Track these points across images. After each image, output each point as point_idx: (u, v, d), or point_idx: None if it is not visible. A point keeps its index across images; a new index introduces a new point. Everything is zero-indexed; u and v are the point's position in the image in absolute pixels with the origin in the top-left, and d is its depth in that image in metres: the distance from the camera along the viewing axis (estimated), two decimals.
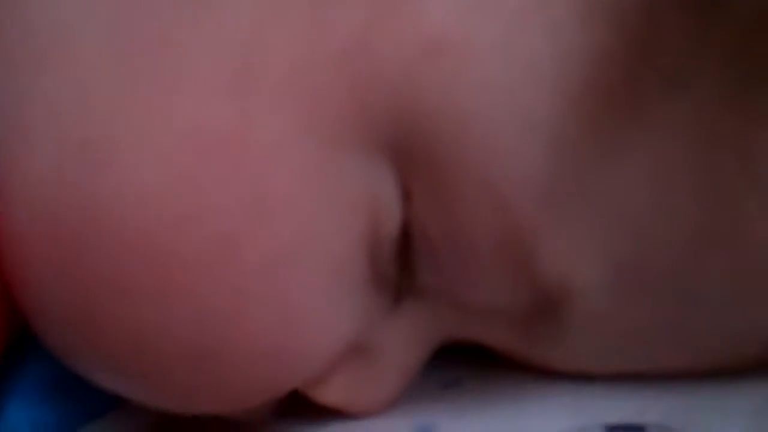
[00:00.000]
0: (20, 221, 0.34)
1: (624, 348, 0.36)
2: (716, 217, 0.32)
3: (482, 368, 0.40)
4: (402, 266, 0.35)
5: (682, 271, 0.33)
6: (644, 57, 0.31)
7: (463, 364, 0.40)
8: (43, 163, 0.33)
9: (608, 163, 0.32)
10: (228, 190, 0.33)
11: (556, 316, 0.35)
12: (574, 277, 0.33)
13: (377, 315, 0.36)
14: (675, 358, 0.36)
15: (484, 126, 0.32)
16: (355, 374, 0.37)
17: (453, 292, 0.35)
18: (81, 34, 0.33)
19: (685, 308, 0.34)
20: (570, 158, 0.32)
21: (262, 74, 0.32)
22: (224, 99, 0.32)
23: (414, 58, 0.32)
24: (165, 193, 0.33)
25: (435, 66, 0.32)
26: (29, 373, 0.39)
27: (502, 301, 0.35)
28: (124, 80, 0.33)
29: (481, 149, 0.32)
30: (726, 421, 0.35)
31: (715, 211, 0.32)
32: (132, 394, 0.36)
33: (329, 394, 0.37)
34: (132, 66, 0.33)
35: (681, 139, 0.32)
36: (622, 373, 0.37)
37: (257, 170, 0.32)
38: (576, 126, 0.31)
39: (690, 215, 0.32)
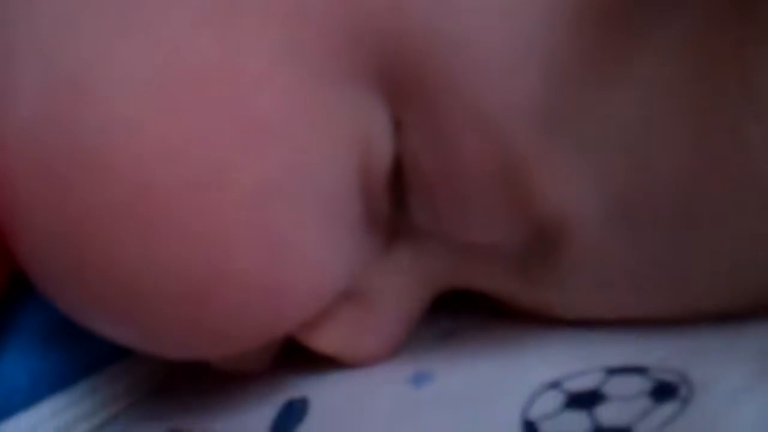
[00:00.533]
0: (8, 159, 0.34)
1: (624, 288, 0.35)
2: (715, 144, 0.31)
3: (481, 320, 0.39)
4: (395, 203, 0.34)
5: (681, 202, 0.32)
6: None
7: (462, 315, 0.39)
8: (30, 99, 0.33)
9: (604, 88, 0.31)
10: (214, 120, 0.32)
11: (553, 252, 0.34)
12: (569, 207, 0.33)
13: (371, 256, 0.36)
14: (676, 300, 0.35)
15: (475, 52, 0.31)
16: (351, 321, 0.37)
17: (447, 232, 0.34)
18: None
19: (685, 243, 0.33)
20: (565, 83, 0.31)
21: (245, 3, 0.32)
22: (209, 28, 0.32)
23: None
24: (151, 125, 0.32)
25: None
26: (26, 324, 0.39)
27: (497, 238, 0.34)
28: (110, 14, 0.33)
29: (472, 76, 0.31)
30: (731, 362, 0.34)
31: (713, 137, 0.31)
32: (124, 338, 0.36)
33: (325, 342, 0.37)
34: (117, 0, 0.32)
35: (677, 61, 0.31)
36: (623, 319, 0.36)
37: (244, 100, 0.32)
38: (571, 50, 0.31)
39: (687, 141, 0.31)
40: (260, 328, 0.35)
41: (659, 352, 0.35)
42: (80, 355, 0.40)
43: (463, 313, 0.40)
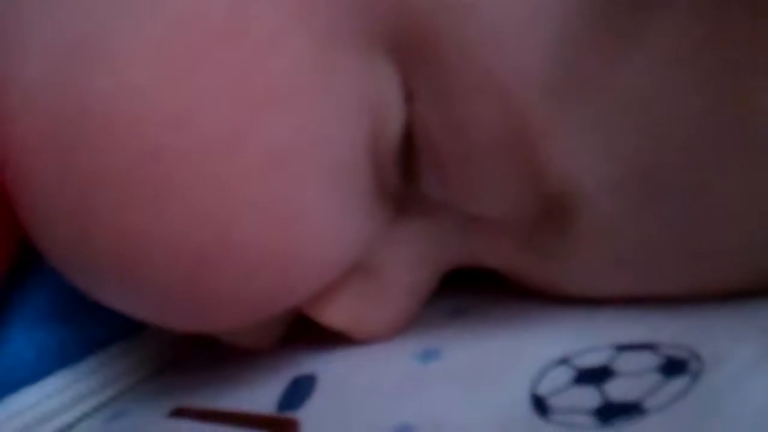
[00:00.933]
0: (15, 121, 0.33)
1: (634, 263, 0.34)
2: (726, 114, 0.31)
3: (488, 298, 0.39)
4: (405, 173, 0.34)
5: (691, 172, 0.32)
6: None
7: (470, 294, 0.39)
8: (39, 62, 0.33)
9: (616, 57, 0.31)
10: (223, 85, 0.32)
11: (563, 225, 0.34)
12: (580, 177, 0.32)
13: (380, 228, 0.35)
14: (687, 276, 0.35)
15: (487, 18, 0.31)
16: (359, 295, 0.36)
17: (457, 203, 0.34)
18: None
19: (696, 215, 0.33)
20: (576, 49, 0.31)
21: None
22: None
23: None
24: (160, 88, 0.32)
25: None
26: (34, 300, 0.39)
27: (507, 209, 0.34)
28: None
29: (484, 42, 0.31)
30: (741, 339, 0.33)
31: (725, 106, 0.31)
32: (132, 308, 0.36)
33: (334, 316, 0.37)
34: None
35: (689, 32, 0.31)
36: (633, 297, 0.36)
37: (253, 64, 0.32)
38: (582, 15, 0.31)
39: (699, 111, 0.31)
40: (269, 297, 0.34)
41: (669, 330, 0.35)
42: (87, 331, 0.40)
43: (470, 293, 0.39)
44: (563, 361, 0.35)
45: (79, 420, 0.39)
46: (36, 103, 0.33)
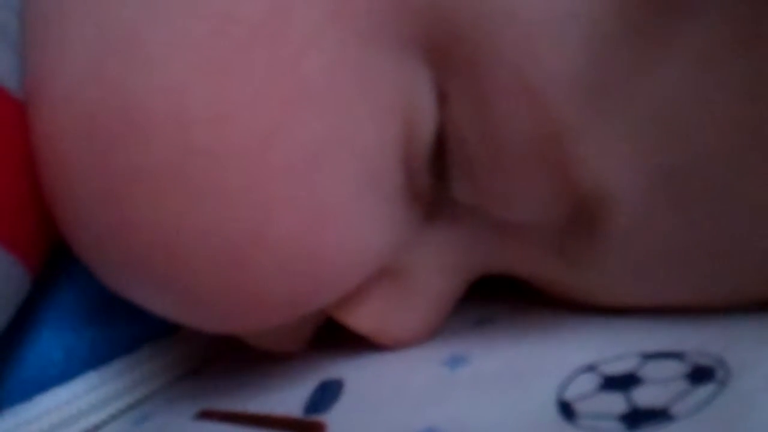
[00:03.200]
0: (55, 115, 0.34)
1: (662, 270, 0.35)
2: (757, 119, 0.31)
3: (515, 307, 0.39)
4: (436, 176, 0.35)
5: (722, 178, 0.32)
6: None
7: (496, 303, 0.40)
8: (80, 58, 0.34)
9: (647, 60, 0.31)
10: (261, 84, 0.33)
11: (593, 230, 0.34)
12: (611, 181, 0.33)
13: (410, 232, 0.36)
14: (717, 284, 0.35)
15: (523, 21, 0.32)
16: (387, 300, 0.37)
17: (488, 207, 0.35)
18: None
19: (726, 221, 0.33)
20: (609, 55, 0.31)
21: None
22: None
23: None
24: (198, 89, 0.33)
25: None
26: (63, 300, 0.40)
27: (538, 214, 0.34)
28: None
29: (518, 46, 0.32)
30: (766, 346, 0.34)
31: (756, 110, 0.31)
32: (162, 307, 0.36)
33: (361, 319, 0.37)
34: None
35: (720, 35, 0.31)
36: (661, 306, 0.36)
37: (290, 63, 0.33)
38: (615, 21, 0.31)
39: (730, 116, 0.31)
40: (298, 297, 0.35)
41: (696, 339, 0.35)
42: (116, 333, 0.40)
43: (497, 301, 0.40)
44: (590, 368, 0.35)
45: (106, 422, 0.39)
46: (76, 98, 0.34)
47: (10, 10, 0.36)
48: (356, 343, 0.38)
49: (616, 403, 0.33)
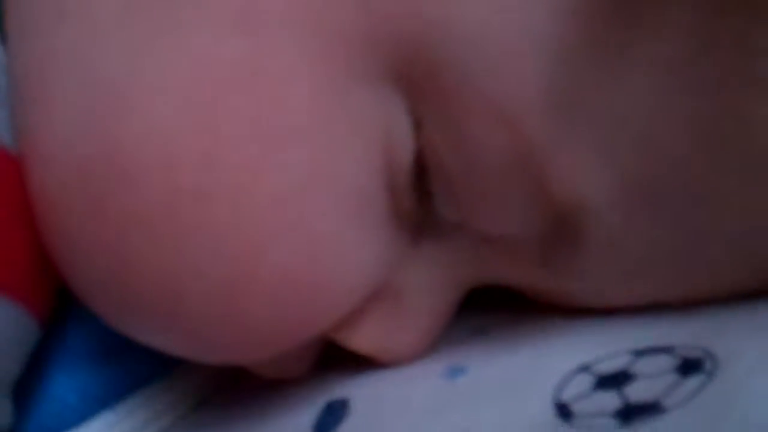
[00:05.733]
0: (47, 168, 0.35)
1: (644, 273, 0.36)
2: (722, 124, 0.32)
3: (509, 315, 0.40)
4: (420, 199, 0.36)
5: (690, 183, 0.33)
6: None
7: (491, 312, 0.41)
8: (67, 109, 0.35)
9: (611, 72, 0.32)
10: (245, 124, 0.34)
11: (573, 240, 0.35)
12: (586, 193, 0.34)
13: (400, 252, 0.37)
14: (694, 283, 0.36)
15: (489, 47, 0.33)
16: (384, 319, 0.38)
17: (470, 224, 0.36)
18: None
19: (697, 225, 0.34)
20: (573, 69, 0.32)
21: (268, 11, 0.34)
22: (235, 36, 0.34)
23: None
24: (185, 133, 0.34)
25: None
26: (72, 344, 0.41)
27: (518, 228, 0.35)
28: (141, 24, 0.34)
29: (487, 70, 0.33)
30: (752, 337, 0.34)
31: (720, 117, 0.32)
32: (167, 345, 0.37)
33: (360, 341, 0.38)
34: (148, 10, 0.34)
35: (683, 44, 0.32)
36: (646, 304, 0.37)
37: (270, 100, 0.34)
38: (577, 35, 0.32)
39: (693, 123, 0.32)
40: (296, 325, 0.36)
41: (684, 332, 0.36)
42: (128, 370, 0.41)
43: (491, 310, 0.41)
44: (584, 368, 0.36)
45: None
46: (66, 152, 0.35)
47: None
48: (358, 362, 0.39)
49: (610, 400, 0.34)
